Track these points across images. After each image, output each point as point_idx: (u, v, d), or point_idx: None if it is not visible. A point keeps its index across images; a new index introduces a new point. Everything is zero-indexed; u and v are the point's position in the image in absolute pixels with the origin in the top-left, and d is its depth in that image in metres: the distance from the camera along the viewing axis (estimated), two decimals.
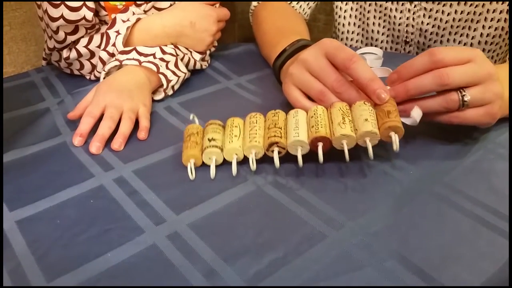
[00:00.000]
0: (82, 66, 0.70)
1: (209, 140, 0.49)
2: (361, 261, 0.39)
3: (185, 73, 0.68)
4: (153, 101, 0.65)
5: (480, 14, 0.75)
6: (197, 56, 0.72)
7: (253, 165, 0.47)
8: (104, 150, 0.54)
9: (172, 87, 0.66)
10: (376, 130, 0.45)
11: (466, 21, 0.76)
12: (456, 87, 0.46)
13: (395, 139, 0.45)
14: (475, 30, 0.76)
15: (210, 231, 0.42)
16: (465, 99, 0.46)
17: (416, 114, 0.48)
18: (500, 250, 0.40)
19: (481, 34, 0.76)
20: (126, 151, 0.54)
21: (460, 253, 0.39)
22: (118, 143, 0.54)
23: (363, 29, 0.87)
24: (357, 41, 0.91)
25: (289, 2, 0.83)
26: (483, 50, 0.78)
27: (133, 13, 0.68)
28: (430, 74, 0.46)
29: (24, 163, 0.52)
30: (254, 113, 0.52)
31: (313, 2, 0.86)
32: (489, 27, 0.75)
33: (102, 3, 0.67)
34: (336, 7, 0.90)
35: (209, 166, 0.49)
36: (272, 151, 0.47)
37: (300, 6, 0.84)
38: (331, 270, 0.38)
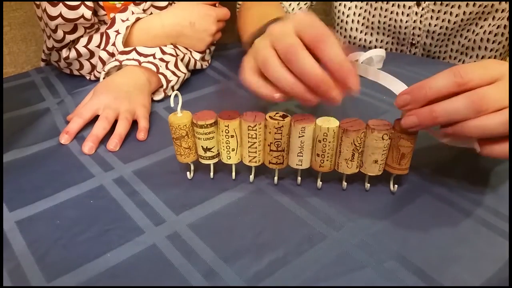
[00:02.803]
0: (81, 66, 0.70)
1: (204, 149, 0.46)
2: (361, 261, 0.39)
3: (185, 73, 0.68)
4: (153, 101, 0.65)
5: (489, 13, 0.74)
6: (197, 56, 0.72)
7: (252, 178, 0.48)
8: (104, 150, 0.54)
9: (172, 87, 0.66)
10: (380, 172, 0.44)
11: (474, 19, 0.76)
12: (478, 83, 0.38)
13: (395, 187, 0.46)
14: (481, 27, 0.76)
15: (210, 231, 0.42)
16: None
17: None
18: (500, 250, 0.40)
19: (485, 32, 0.76)
20: (126, 151, 0.54)
21: (460, 253, 0.39)
22: (113, 144, 0.54)
23: (365, 34, 0.87)
24: (359, 46, 0.90)
25: (280, 2, 0.82)
26: (486, 48, 0.78)
27: (132, 13, 0.68)
28: (463, 98, 0.38)
29: (24, 163, 0.52)
30: (253, 123, 0.43)
31: (304, 2, 0.85)
32: (494, 25, 0.75)
33: (100, 2, 0.67)
34: (339, 11, 0.90)
35: (207, 164, 0.48)
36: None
37: (291, 7, 0.84)
38: (331, 271, 0.38)
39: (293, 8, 0.84)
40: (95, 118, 0.57)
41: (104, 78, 0.64)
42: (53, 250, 0.40)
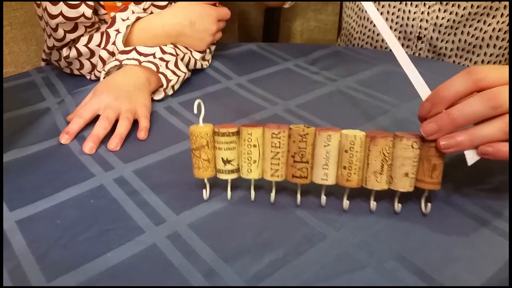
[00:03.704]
0: (82, 65, 0.70)
1: (224, 162, 0.43)
2: (361, 261, 0.39)
3: (185, 73, 0.68)
4: (153, 101, 0.65)
5: (497, 9, 0.74)
6: (197, 55, 0.72)
7: (272, 198, 0.45)
8: (104, 150, 0.54)
9: (172, 86, 0.66)
10: (412, 188, 0.41)
11: (481, 14, 0.75)
12: (508, 110, 0.38)
13: (427, 207, 0.42)
14: (489, 25, 0.76)
15: (210, 231, 0.42)
16: None
17: (470, 157, 0.40)
18: (500, 250, 0.40)
19: (493, 29, 0.76)
20: (126, 151, 0.54)
21: (460, 253, 0.39)
22: (114, 143, 0.54)
23: (373, 32, 0.87)
24: (367, 43, 0.90)
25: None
26: (494, 46, 0.78)
27: (133, 12, 0.68)
28: (477, 96, 0.38)
29: (24, 163, 0.52)
30: (277, 130, 0.42)
31: None
32: (502, 22, 0.75)
33: (101, 1, 0.67)
34: (349, 8, 0.90)
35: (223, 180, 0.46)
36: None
37: None
38: (331, 271, 0.38)
39: None
40: (96, 118, 0.57)
41: (104, 78, 0.64)
42: (53, 249, 0.40)
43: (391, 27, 0.84)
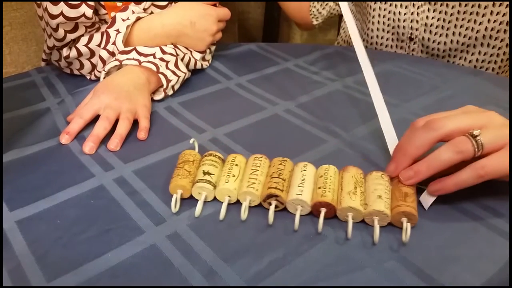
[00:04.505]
0: (82, 65, 0.70)
1: (204, 173, 0.45)
2: (361, 261, 0.39)
3: (185, 73, 0.68)
4: (153, 101, 0.65)
5: (485, 7, 0.74)
6: (197, 56, 0.72)
7: (244, 213, 0.43)
8: (104, 150, 0.54)
9: (172, 87, 0.66)
10: (388, 211, 0.41)
11: (471, 13, 0.75)
12: (453, 130, 0.42)
13: (407, 227, 0.40)
14: (480, 24, 0.76)
15: (210, 231, 0.42)
16: (475, 133, 0.41)
17: (425, 200, 0.44)
18: (500, 250, 0.40)
19: (486, 28, 0.76)
20: (126, 151, 0.54)
21: (460, 253, 0.39)
22: (114, 143, 0.54)
23: (368, 29, 0.87)
24: (366, 40, 0.90)
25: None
26: (488, 45, 0.77)
27: (133, 12, 0.68)
28: (419, 128, 0.44)
29: (24, 163, 0.52)
30: (259, 155, 0.48)
31: (325, 3, 0.88)
32: (494, 21, 0.75)
33: (102, 1, 0.67)
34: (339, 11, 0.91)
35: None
36: (269, 203, 0.43)
37: (316, 9, 0.86)
38: (331, 271, 0.38)
39: (318, 9, 0.87)
40: (96, 118, 0.57)
41: (104, 78, 0.64)
42: (53, 249, 0.40)
43: (383, 30, 0.85)
